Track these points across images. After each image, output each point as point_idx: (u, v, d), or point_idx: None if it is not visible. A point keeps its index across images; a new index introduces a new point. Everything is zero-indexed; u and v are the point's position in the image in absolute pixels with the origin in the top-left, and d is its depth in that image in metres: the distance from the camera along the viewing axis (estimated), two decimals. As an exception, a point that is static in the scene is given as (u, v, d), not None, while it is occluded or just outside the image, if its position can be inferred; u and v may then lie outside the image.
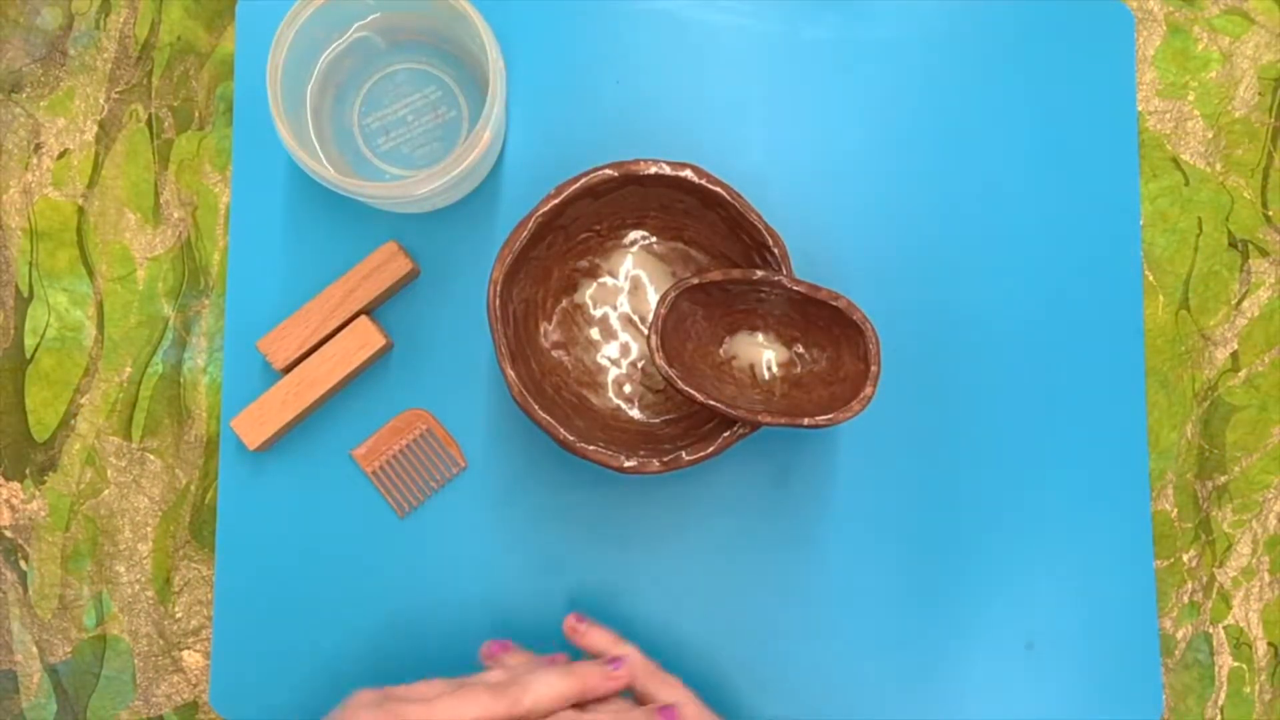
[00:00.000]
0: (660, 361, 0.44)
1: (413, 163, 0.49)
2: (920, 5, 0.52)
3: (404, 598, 0.49)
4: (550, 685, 0.39)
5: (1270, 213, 0.52)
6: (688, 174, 0.44)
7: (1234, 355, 0.52)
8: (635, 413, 0.48)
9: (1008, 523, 0.50)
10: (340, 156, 0.48)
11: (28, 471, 0.50)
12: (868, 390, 0.44)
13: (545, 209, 0.44)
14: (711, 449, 0.44)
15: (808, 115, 0.51)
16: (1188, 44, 0.53)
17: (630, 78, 0.51)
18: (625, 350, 0.49)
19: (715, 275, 0.45)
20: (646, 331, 0.49)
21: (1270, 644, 0.51)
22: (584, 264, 0.49)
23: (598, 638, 0.44)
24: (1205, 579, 0.51)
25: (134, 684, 0.49)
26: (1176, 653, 0.51)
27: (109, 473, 0.50)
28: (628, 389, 0.49)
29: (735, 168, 0.51)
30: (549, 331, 0.48)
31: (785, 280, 0.44)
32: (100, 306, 0.50)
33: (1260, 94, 0.53)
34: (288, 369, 0.48)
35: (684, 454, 0.44)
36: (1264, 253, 0.52)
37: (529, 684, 0.39)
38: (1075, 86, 0.52)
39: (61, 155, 0.51)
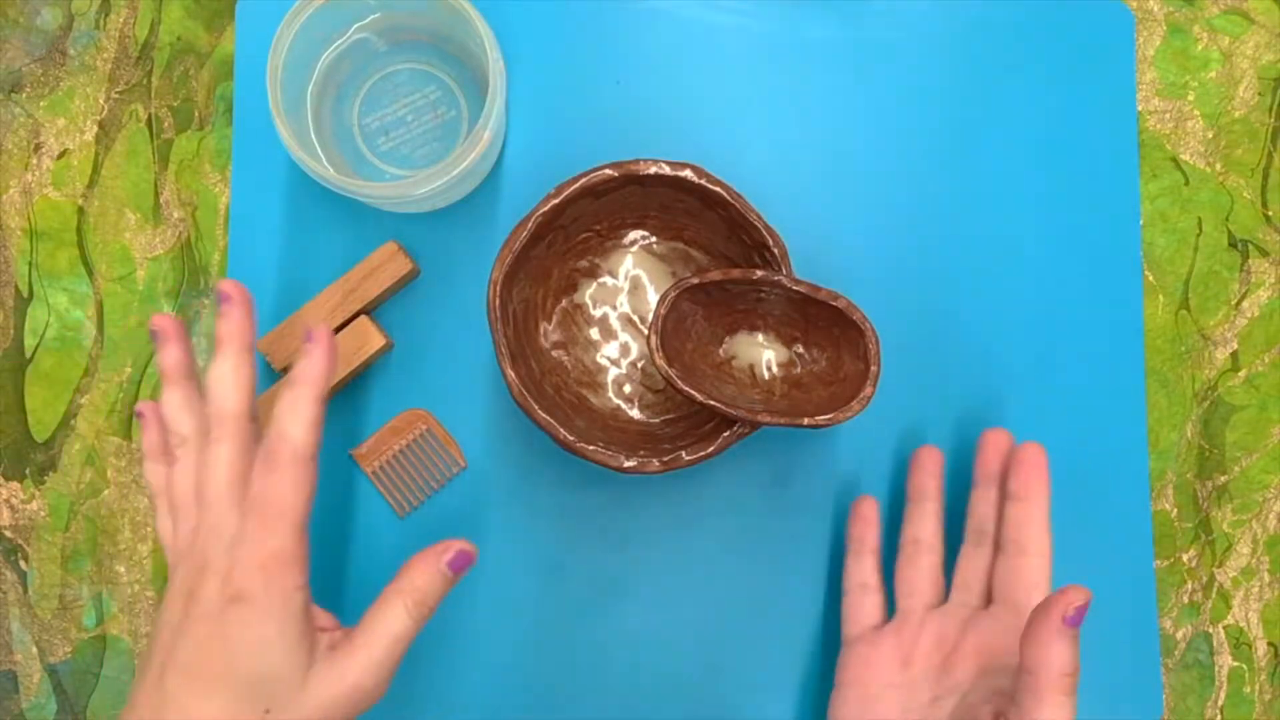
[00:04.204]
0: (660, 361, 0.44)
1: (413, 163, 0.49)
2: (920, 5, 0.52)
3: (404, 598, 0.49)
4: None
5: (1270, 213, 0.52)
6: (688, 174, 0.44)
7: (1234, 355, 0.52)
8: (635, 413, 0.48)
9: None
10: (340, 156, 0.48)
11: (28, 471, 0.50)
12: (868, 390, 0.44)
13: (545, 209, 0.44)
14: (711, 449, 0.44)
15: (808, 115, 0.51)
16: (1188, 44, 0.53)
17: (630, 78, 0.51)
18: (625, 350, 0.49)
19: (715, 275, 0.45)
20: (646, 331, 0.49)
21: (1270, 644, 0.51)
22: (584, 264, 0.49)
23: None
24: (1205, 579, 0.51)
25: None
26: (1176, 653, 0.51)
27: (109, 473, 0.50)
28: (628, 389, 0.49)
29: (735, 168, 0.51)
30: (549, 331, 0.48)
31: (785, 280, 0.44)
32: (100, 306, 0.50)
33: (1260, 94, 0.53)
34: (288, 369, 0.48)
35: (684, 454, 0.44)
36: (1264, 253, 0.52)
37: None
38: (1075, 86, 0.52)
39: (61, 155, 0.51)
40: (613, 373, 0.49)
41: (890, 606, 0.46)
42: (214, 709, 0.35)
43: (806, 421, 0.43)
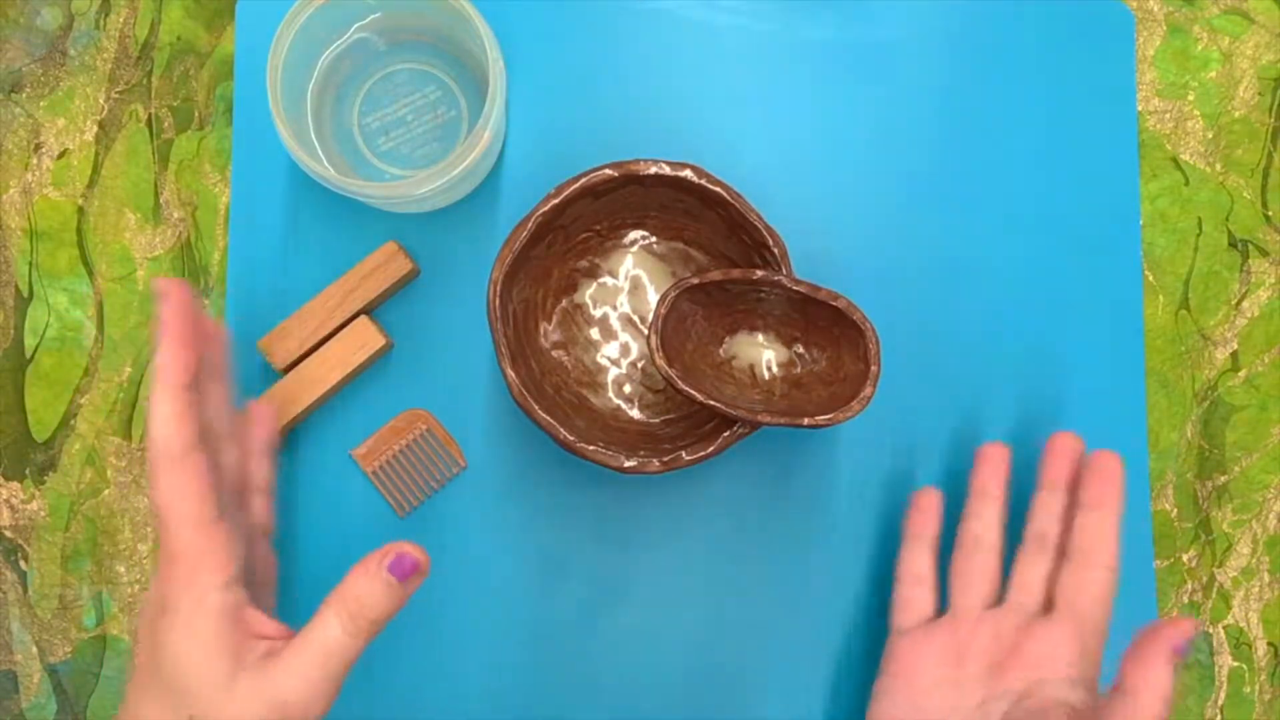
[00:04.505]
0: (660, 361, 0.44)
1: (413, 163, 0.49)
2: (920, 5, 0.52)
3: (404, 598, 0.49)
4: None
5: (1270, 213, 0.52)
6: (688, 174, 0.44)
7: (1234, 355, 0.52)
8: (635, 413, 0.48)
9: (1008, 522, 0.50)
10: (340, 156, 0.48)
11: (28, 471, 0.50)
12: (868, 390, 0.44)
13: (545, 209, 0.44)
14: (711, 449, 0.44)
15: (808, 115, 0.51)
16: (1188, 44, 0.53)
17: (630, 78, 0.51)
18: (625, 350, 0.49)
19: (715, 275, 0.45)
20: (646, 331, 0.49)
21: (1270, 644, 0.51)
22: (584, 264, 0.49)
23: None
24: (1205, 579, 0.51)
25: (134, 684, 0.49)
26: (1176, 653, 0.51)
27: (109, 473, 0.50)
28: (628, 389, 0.49)
29: (735, 168, 0.51)
30: (549, 331, 0.48)
31: (785, 280, 0.44)
32: (100, 306, 0.50)
33: (1260, 94, 0.53)
34: (288, 369, 0.48)
35: (684, 454, 0.44)
36: (1264, 253, 0.52)
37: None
38: (1075, 86, 0.52)
39: (61, 155, 0.51)
40: (613, 373, 0.49)
41: (942, 603, 0.45)
42: (151, 713, 0.36)
43: (806, 421, 0.43)
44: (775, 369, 0.47)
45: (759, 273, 0.45)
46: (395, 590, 0.36)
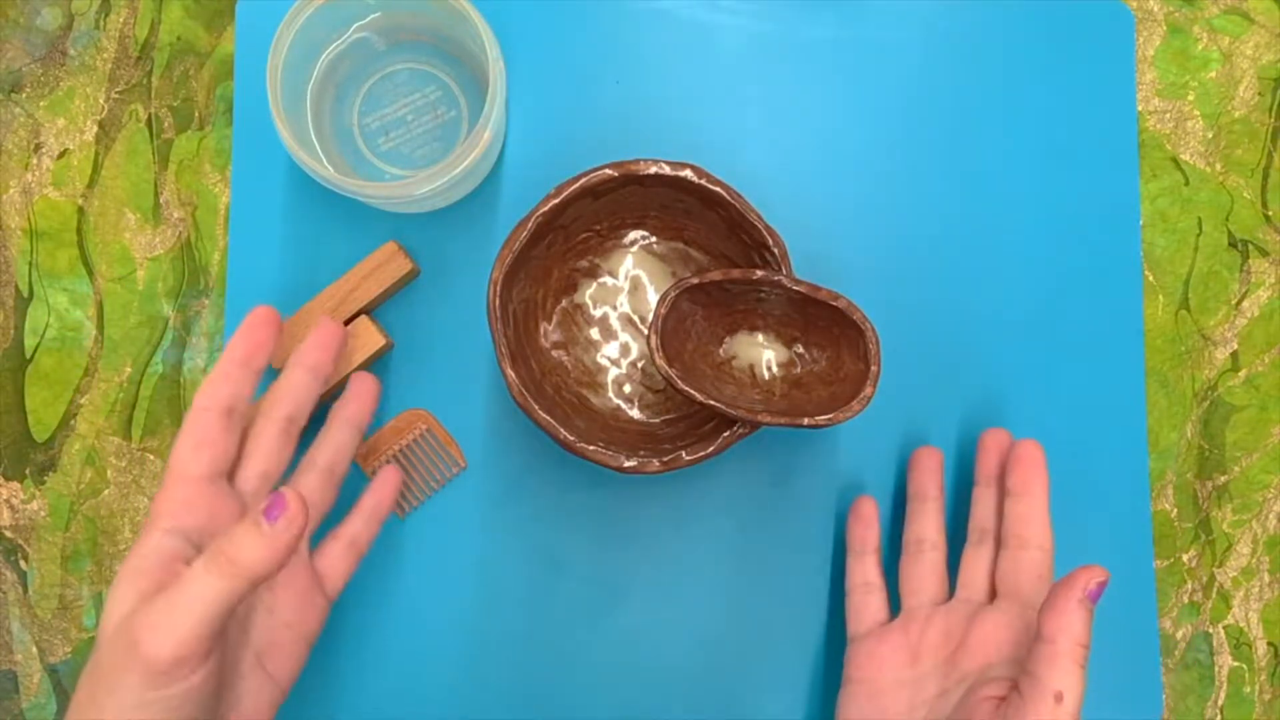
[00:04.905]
0: (660, 361, 0.44)
1: (413, 163, 0.49)
2: (919, 5, 0.52)
3: (404, 598, 0.48)
4: None
5: (1270, 213, 0.52)
6: (688, 174, 0.44)
7: (1234, 355, 0.52)
8: (635, 413, 0.48)
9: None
10: (340, 156, 0.48)
11: (28, 471, 0.50)
12: (868, 390, 0.44)
13: (545, 209, 0.44)
14: (711, 449, 0.44)
15: (807, 115, 0.51)
16: (1188, 44, 0.53)
17: (630, 78, 0.51)
18: (625, 350, 0.49)
19: (715, 275, 0.45)
20: (646, 331, 0.49)
21: (1270, 644, 0.51)
22: (584, 264, 0.49)
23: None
24: (1205, 579, 0.51)
25: (134, 684, 0.49)
26: (1176, 653, 0.51)
27: (109, 473, 0.50)
28: (628, 389, 0.49)
29: (735, 168, 0.51)
30: (549, 331, 0.48)
31: (785, 280, 0.44)
32: (100, 306, 0.50)
33: (1260, 94, 0.53)
34: (288, 369, 0.48)
35: (684, 454, 0.44)
36: (1264, 253, 0.52)
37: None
38: (1075, 86, 0.52)
39: (61, 155, 0.51)
40: (613, 373, 0.49)
41: (895, 606, 0.46)
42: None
43: (806, 421, 0.43)
44: (775, 369, 0.47)
45: (759, 273, 0.45)
46: (266, 535, 0.34)
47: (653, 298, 0.49)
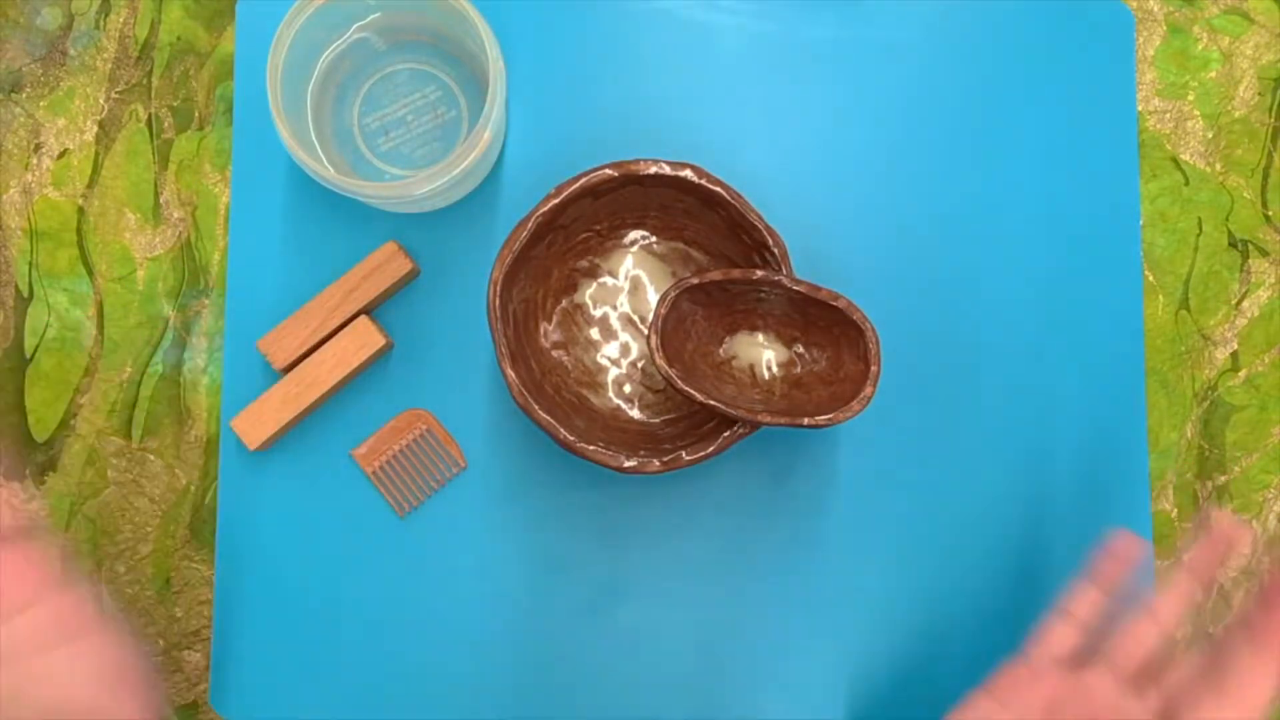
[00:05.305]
0: (660, 361, 0.44)
1: (413, 163, 0.49)
2: (920, 5, 0.52)
3: (404, 598, 0.49)
4: None
5: (1270, 213, 0.52)
6: (688, 174, 0.44)
7: (1234, 355, 0.52)
8: (635, 413, 0.48)
9: (1008, 522, 0.50)
10: (340, 156, 0.48)
11: (28, 471, 0.50)
12: (868, 390, 0.44)
13: (545, 209, 0.44)
14: (711, 449, 0.44)
15: (808, 115, 0.51)
16: (1188, 44, 0.53)
17: (630, 78, 0.51)
18: (625, 350, 0.49)
19: (715, 275, 0.45)
20: (646, 331, 0.49)
21: (1270, 644, 0.51)
22: (584, 264, 0.49)
23: None
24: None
25: (134, 684, 0.49)
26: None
27: (109, 473, 0.50)
28: (628, 389, 0.49)
29: (735, 168, 0.51)
30: (549, 331, 0.48)
31: (785, 280, 0.44)
32: (100, 306, 0.50)
33: (1260, 94, 0.53)
34: (288, 369, 0.48)
35: (684, 454, 0.44)
36: (1264, 253, 0.52)
37: None
38: (1075, 86, 0.52)
39: (61, 155, 0.51)
40: (613, 373, 0.49)
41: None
42: None
43: (806, 421, 0.43)
44: (775, 369, 0.47)
45: (759, 273, 0.45)
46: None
47: (653, 298, 0.49)
